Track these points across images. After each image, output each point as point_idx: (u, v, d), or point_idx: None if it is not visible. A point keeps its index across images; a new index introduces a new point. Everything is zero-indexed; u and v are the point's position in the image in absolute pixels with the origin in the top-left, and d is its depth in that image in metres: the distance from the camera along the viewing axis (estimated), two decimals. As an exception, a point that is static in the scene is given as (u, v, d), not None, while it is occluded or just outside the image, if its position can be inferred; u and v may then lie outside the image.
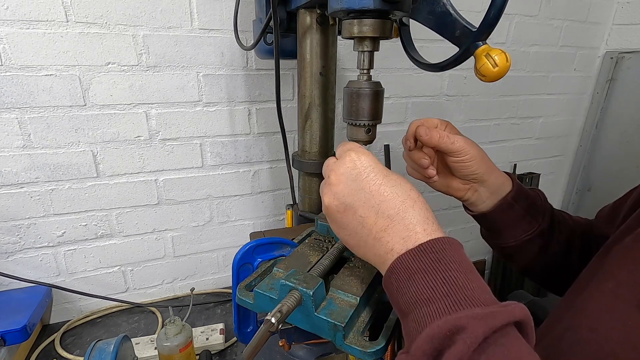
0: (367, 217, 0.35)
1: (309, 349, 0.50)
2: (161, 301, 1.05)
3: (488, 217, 0.52)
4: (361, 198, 0.35)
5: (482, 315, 0.27)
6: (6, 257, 0.88)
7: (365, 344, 0.36)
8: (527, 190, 0.53)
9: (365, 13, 0.40)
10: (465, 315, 0.27)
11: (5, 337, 0.74)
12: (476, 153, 0.49)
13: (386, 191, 0.35)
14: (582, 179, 1.59)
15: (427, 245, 0.32)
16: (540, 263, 0.55)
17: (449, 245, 0.32)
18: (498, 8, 0.31)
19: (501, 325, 0.27)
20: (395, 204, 0.34)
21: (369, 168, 0.36)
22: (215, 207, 1.04)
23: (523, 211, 0.52)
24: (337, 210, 0.37)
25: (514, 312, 0.28)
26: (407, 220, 0.34)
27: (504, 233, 0.53)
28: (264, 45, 0.66)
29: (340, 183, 0.37)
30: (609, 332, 0.34)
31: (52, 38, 0.76)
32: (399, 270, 0.32)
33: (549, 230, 0.53)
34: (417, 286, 0.31)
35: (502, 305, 0.29)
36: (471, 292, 0.29)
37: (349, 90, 0.44)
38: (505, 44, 1.24)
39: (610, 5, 1.37)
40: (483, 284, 0.31)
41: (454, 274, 0.30)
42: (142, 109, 0.88)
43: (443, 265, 0.31)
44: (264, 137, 1.02)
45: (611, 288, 0.37)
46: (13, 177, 0.82)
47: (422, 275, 0.31)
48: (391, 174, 0.37)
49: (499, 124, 1.37)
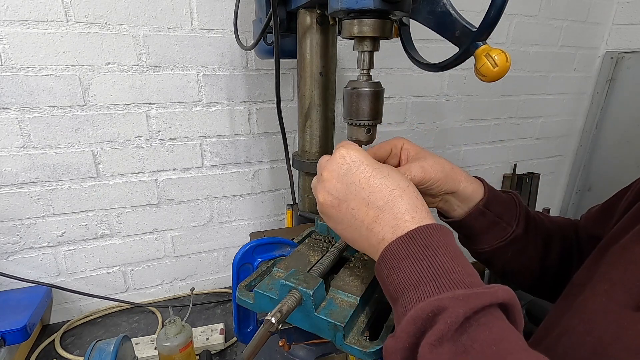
0: (359, 209, 0.36)
1: (309, 349, 0.50)
2: (161, 301, 1.05)
3: (461, 224, 0.52)
4: (352, 191, 0.36)
5: (464, 296, 0.27)
6: (6, 257, 0.88)
7: (365, 344, 0.36)
8: (500, 196, 0.52)
9: (365, 13, 0.40)
10: (447, 297, 0.28)
11: (5, 337, 0.74)
12: (437, 175, 0.46)
13: (375, 182, 0.36)
14: (582, 179, 1.59)
15: (415, 232, 0.33)
16: (516, 267, 0.54)
17: (437, 232, 0.33)
18: (498, 8, 0.31)
19: (483, 306, 0.27)
20: (384, 194, 0.35)
21: (358, 162, 0.37)
22: (215, 207, 1.04)
23: (496, 217, 0.51)
24: (332, 205, 0.38)
25: (497, 293, 0.28)
26: (396, 209, 0.35)
27: (477, 239, 0.53)
28: (264, 45, 0.66)
29: (332, 179, 0.38)
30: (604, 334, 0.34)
31: (52, 38, 0.76)
32: (388, 258, 0.33)
33: (524, 234, 0.52)
34: (405, 271, 0.31)
35: (486, 287, 0.29)
36: (457, 276, 0.30)
37: (349, 90, 0.44)
38: (505, 44, 1.24)
39: (610, 5, 1.37)
40: (470, 268, 0.31)
41: (441, 258, 0.31)
42: (142, 109, 0.88)
43: (430, 250, 0.31)
44: (264, 137, 1.02)
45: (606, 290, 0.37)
46: (13, 177, 0.82)
47: (410, 261, 0.32)
48: (381, 166, 0.37)
49: (499, 124, 1.37)
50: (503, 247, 0.52)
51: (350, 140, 0.47)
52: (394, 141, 0.49)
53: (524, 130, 1.43)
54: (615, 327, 0.34)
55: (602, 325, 0.35)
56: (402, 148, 0.49)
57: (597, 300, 0.37)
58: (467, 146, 1.35)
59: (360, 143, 0.47)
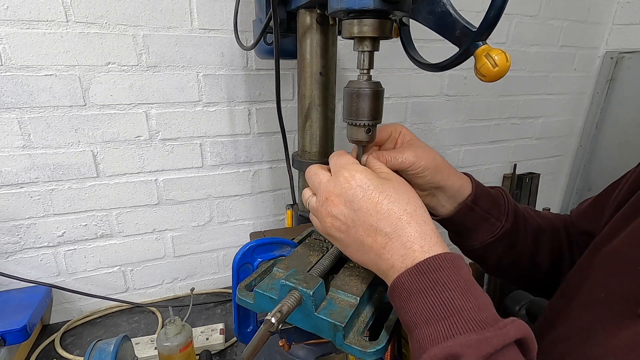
0: (367, 235, 0.36)
1: (309, 349, 0.50)
2: (161, 301, 1.05)
3: (450, 221, 0.52)
4: (360, 217, 0.36)
5: (476, 342, 0.28)
6: (6, 257, 0.88)
7: (365, 344, 0.36)
8: (488, 191, 0.52)
9: (365, 13, 0.40)
10: (460, 343, 0.28)
11: (5, 337, 0.74)
12: (428, 163, 0.46)
13: (383, 209, 0.36)
14: (582, 179, 1.59)
15: (424, 265, 0.33)
16: (508, 263, 0.54)
17: (447, 262, 0.33)
18: (498, 8, 0.31)
19: (494, 350, 0.27)
20: (392, 220, 0.35)
21: (364, 186, 0.37)
22: (215, 207, 1.04)
23: (484, 213, 0.51)
24: (340, 230, 0.38)
25: (509, 333, 0.28)
26: (404, 237, 0.35)
27: (468, 236, 0.53)
28: (264, 45, 0.66)
29: (339, 204, 0.37)
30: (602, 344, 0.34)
31: (52, 38, 0.76)
32: (399, 290, 0.34)
33: (513, 229, 0.52)
34: (417, 307, 0.32)
35: (497, 327, 0.29)
36: (467, 314, 0.30)
37: (349, 90, 0.44)
38: (505, 44, 1.24)
39: (610, 5, 1.37)
40: (482, 301, 0.31)
41: (451, 293, 0.31)
42: (142, 109, 0.88)
43: (440, 285, 0.31)
44: (264, 137, 1.02)
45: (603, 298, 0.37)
46: (13, 177, 0.82)
47: (420, 296, 0.32)
48: (388, 189, 0.37)
49: (499, 124, 1.37)
50: (493, 243, 0.51)
51: (351, 140, 0.47)
52: (394, 125, 0.50)
53: (524, 130, 1.43)
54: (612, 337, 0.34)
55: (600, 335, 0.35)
56: (400, 133, 0.50)
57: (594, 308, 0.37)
58: (467, 146, 1.35)
59: (360, 143, 0.47)
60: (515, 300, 1.10)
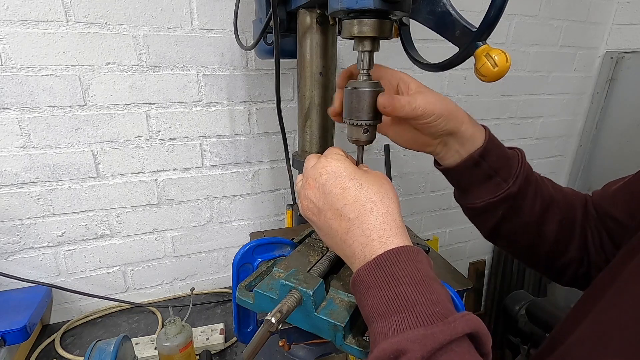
0: (333, 219, 0.37)
1: (309, 349, 0.50)
2: (161, 301, 1.05)
3: (453, 172, 0.49)
4: (328, 201, 0.38)
5: (422, 337, 0.28)
6: (6, 257, 0.88)
7: (365, 344, 0.36)
8: (501, 149, 0.49)
9: (365, 13, 0.40)
10: (406, 339, 0.28)
11: (5, 337, 0.74)
12: (441, 111, 0.44)
13: (349, 194, 0.37)
14: (582, 179, 1.59)
15: (381, 259, 0.33)
16: (506, 229, 0.51)
17: (404, 256, 0.33)
18: (498, 8, 0.31)
19: (440, 346, 0.28)
20: (356, 207, 0.36)
21: (337, 172, 0.38)
22: (215, 207, 1.04)
23: (491, 170, 0.48)
24: (312, 212, 0.40)
25: (457, 328, 0.29)
26: (365, 224, 0.35)
27: (469, 192, 0.50)
28: (264, 45, 0.66)
29: (314, 187, 0.39)
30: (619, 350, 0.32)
31: (52, 38, 0.76)
32: (358, 283, 0.34)
33: (521, 194, 0.49)
34: (373, 300, 0.32)
35: (446, 322, 0.29)
36: (420, 307, 0.30)
37: (349, 90, 0.44)
38: (505, 44, 1.24)
39: (610, 5, 1.37)
40: (436, 294, 0.31)
41: (405, 288, 0.31)
42: (142, 109, 0.88)
43: (395, 279, 0.32)
44: (264, 137, 1.02)
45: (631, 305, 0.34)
46: (13, 177, 0.82)
47: (376, 290, 0.32)
48: (359, 177, 0.38)
49: (499, 124, 1.37)
50: (495, 204, 0.49)
51: (351, 140, 0.47)
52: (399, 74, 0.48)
53: (524, 130, 1.43)
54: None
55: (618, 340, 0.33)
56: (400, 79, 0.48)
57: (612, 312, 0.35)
58: (467, 146, 1.35)
59: (360, 143, 0.47)
60: (515, 300, 1.10)
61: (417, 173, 1.30)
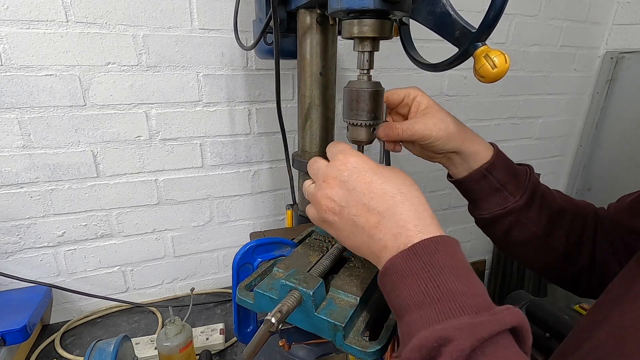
0: (360, 215, 0.35)
1: (309, 349, 0.50)
2: (161, 301, 1.05)
3: (462, 185, 0.53)
4: (353, 197, 0.36)
5: (470, 326, 0.26)
6: (6, 257, 0.88)
7: (365, 344, 0.36)
8: (510, 164, 0.52)
9: (365, 13, 0.40)
10: (452, 326, 0.27)
11: (5, 337, 0.74)
12: (438, 134, 0.47)
13: (376, 188, 0.35)
14: (582, 179, 1.59)
15: (419, 247, 0.31)
16: (515, 240, 0.54)
17: (442, 245, 0.32)
18: (497, 9, 0.31)
19: (489, 336, 0.26)
20: (385, 199, 0.35)
21: (359, 167, 0.37)
22: (215, 207, 1.04)
23: (498, 184, 0.51)
24: (334, 212, 0.37)
25: (504, 319, 0.27)
26: (398, 216, 0.34)
27: (478, 203, 0.54)
28: (264, 45, 0.66)
29: (335, 185, 0.37)
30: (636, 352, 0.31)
31: (52, 38, 0.76)
32: (391, 273, 0.32)
33: (526, 207, 0.51)
34: (409, 290, 0.30)
35: (492, 312, 0.28)
36: (462, 298, 0.29)
37: (349, 90, 0.44)
38: (505, 44, 1.24)
39: (610, 5, 1.37)
40: (476, 286, 0.30)
41: (445, 277, 0.30)
42: (142, 109, 0.88)
43: (435, 268, 0.30)
44: (264, 137, 1.02)
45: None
46: (13, 177, 0.82)
47: (413, 279, 0.31)
48: (382, 170, 0.37)
49: (499, 124, 1.37)
50: (502, 215, 0.52)
51: (351, 140, 0.47)
52: (408, 90, 0.51)
53: (524, 130, 1.43)
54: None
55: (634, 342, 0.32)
56: (414, 99, 0.50)
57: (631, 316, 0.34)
58: (467, 146, 1.35)
59: (361, 143, 0.47)
60: (515, 300, 1.10)
61: (417, 173, 1.30)
